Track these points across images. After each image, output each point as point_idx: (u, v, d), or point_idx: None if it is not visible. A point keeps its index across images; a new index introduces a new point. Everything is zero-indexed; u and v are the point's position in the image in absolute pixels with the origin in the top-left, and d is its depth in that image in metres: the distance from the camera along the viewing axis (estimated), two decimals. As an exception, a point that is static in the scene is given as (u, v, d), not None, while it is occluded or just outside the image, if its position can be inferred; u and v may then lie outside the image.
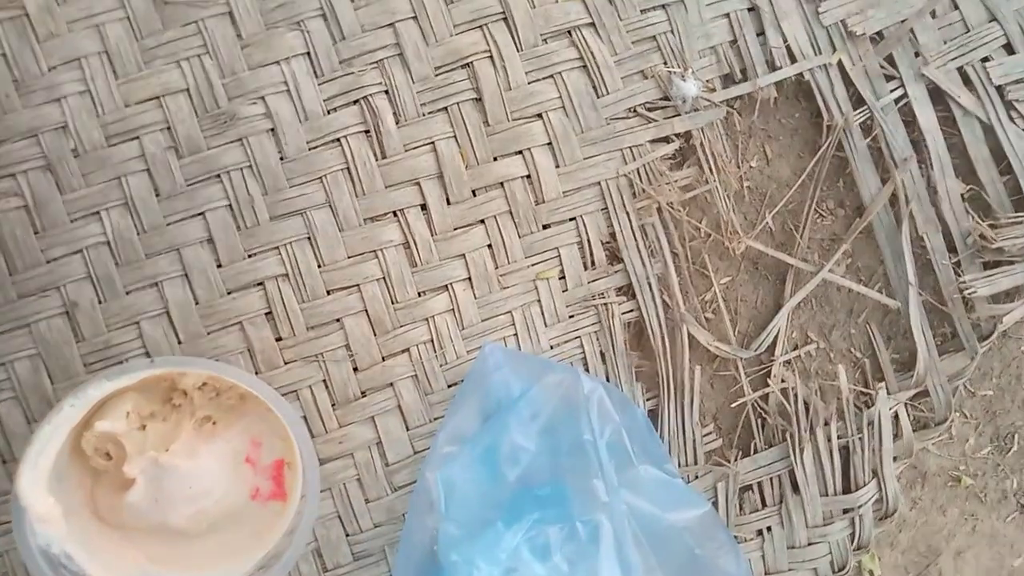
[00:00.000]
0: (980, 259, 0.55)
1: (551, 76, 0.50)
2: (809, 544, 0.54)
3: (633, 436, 0.45)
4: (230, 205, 0.47)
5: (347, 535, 0.48)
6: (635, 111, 0.52)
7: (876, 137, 0.54)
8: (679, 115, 0.51)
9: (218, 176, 0.46)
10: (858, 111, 0.53)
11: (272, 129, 0.47)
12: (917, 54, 0.53)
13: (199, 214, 0.46)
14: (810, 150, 0.55)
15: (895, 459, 0.54)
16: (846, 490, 0.54)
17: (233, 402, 0.43)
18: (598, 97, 0.50)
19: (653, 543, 0.44)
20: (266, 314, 0.47)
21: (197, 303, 0.46)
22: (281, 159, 0.47)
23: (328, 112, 0.48)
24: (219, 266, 0.47)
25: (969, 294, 0.54)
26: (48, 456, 0.39)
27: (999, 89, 0.54)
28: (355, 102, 0.48)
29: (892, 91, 0.54)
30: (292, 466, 0.44)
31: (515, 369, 0.45)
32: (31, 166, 0.45)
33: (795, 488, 0.54)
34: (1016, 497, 0.59)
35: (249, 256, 0.47)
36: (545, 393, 0.43)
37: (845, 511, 0.54)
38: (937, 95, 0.55)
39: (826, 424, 0.53)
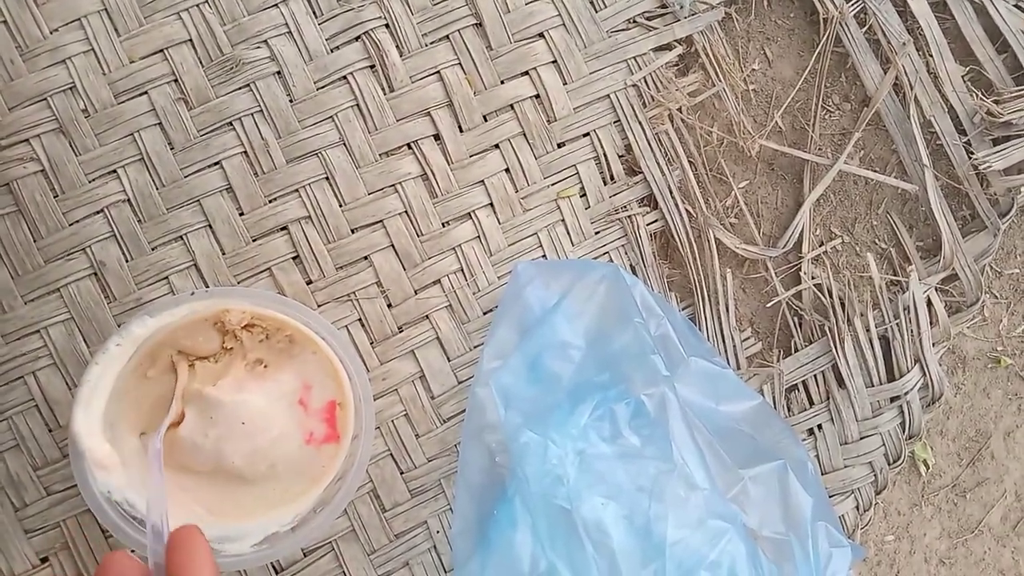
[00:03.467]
0: (989, 136, 0.59)
1: (548, -6, 0.53)
2: (861, 438, 0.57)
3: (679, 330, 0.48)
4: (245, 152, 0.49)
5: (401, 472, 0.51)
6: (634, 21, 0.55)
7: (872, 27, 0.58)
8: (678, 21, 0.55)
9: (230, 123, 0.49)
10: (851, 2, 0.57)
11: (278, 72, 0.50)
12: (902, -63, 0.58)
13: (215, 163, 0.49)
14: (809, 48, 0.59)
15: (934, 345, 0.58)
16: (890, 379, 0.57)
17: (283, 345, 0.45)
18: (596, 11, 0.54)
19: (712, 432, 0.47)
20: (293, 258, 0.50)
21: (224, 253, 0.49)
22: (290, 101, 0.50)
23: (332, 51, 0.51)
24: (241, 214, 0.49)
25: (984, 169, 0.58)
26: (100, 397, 0.42)
27: (986, -33, 0.59)
28: (357, 38, 0.51)
29: (882, -21, 0.58)
30: (344, 405, 0.46)
31: (552, 278, 0.48)
32: (44, 129, 0.47)
33: (840, 383, 0.57)
34: (1057, 371, 0.62)
35: (270, 201, 0.49)
36: (587, 290, 0.46)
37: (893, 400, 0.57)
38: (926, -20, 0.59)
39: (862, 315, 0.57)
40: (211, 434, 0.43)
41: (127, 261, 0.48)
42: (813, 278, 0.58)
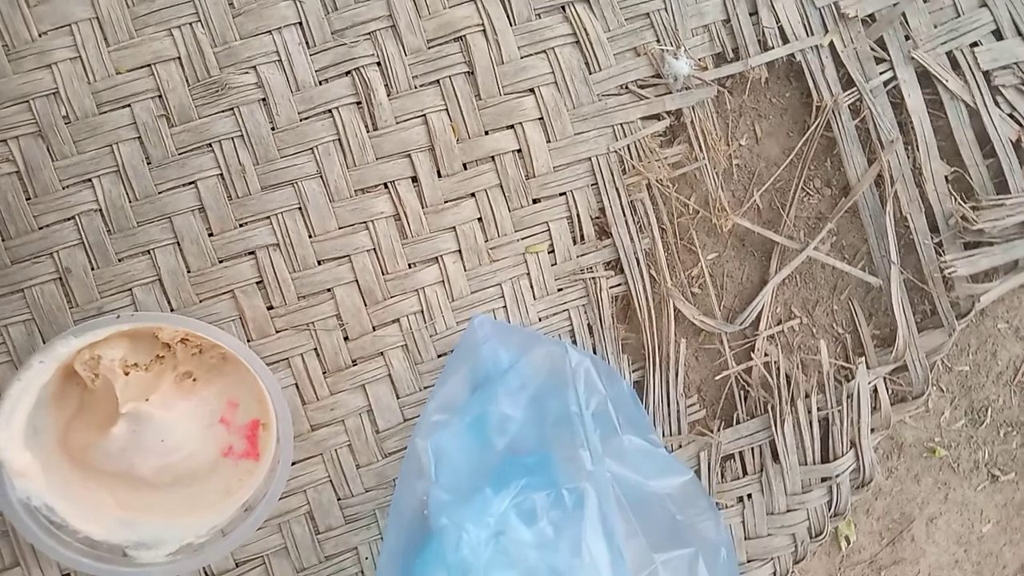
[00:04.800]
0: (961, 239, 0.61)
1: (544, 51, 0.54)
2: (788, 511, 0.60)
3: (619, 407, 0.51)
4: (221, 174, 0.51)
5: (339, 499, 0.54)
6: (627, 88, 0.56)
7: (864, 118, 0.60)
8: (670, 93, 0.56)
9: (209, 145, 0.50)
10: (847, 92, 0.58)
11: (264, 99, 0.51)
12: (907, 37, 0.58)
13: (191, 183, 0.50)
14: (799, 130, 0.60)
15: (873, 431, 0.61)
16: (824, 460, 0.60)
17: (215, 361, 0.48)
18: (590, 73, 0.55)
19: (636, 509, 0.50)
20: (257, 283, 0.52)
21: (189, 271, 0.51)
22: (272, 129, 0.51)
23: (320, 83, 0.52)
24: (211, 235, 0.51)
25: (950, 273, 0.60)
26: (22, 411, 0.45)
27: (986, 74, 0.60)
28: (347, 73, 0.52)
29: (882, 73, 0.60)
30: (267, 427, 0.49)
31: (504, 341, 0.50)
32: (23, 132, 0.49)
33: (775, 457, 0.60)
34: (987, 467, 0.66)
35: (240, 225, 0.51)
36: (533, 365, 0.48)
37: (823, 479, 0.61)
38: (925, 78, 0.60)
39: (807, 397, 0.59)
40: (130, 447, 0.46)
41: (92, 269, 0.50)
42: (765, 355, 0.61)
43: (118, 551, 0.46)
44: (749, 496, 0.61)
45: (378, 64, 0.53)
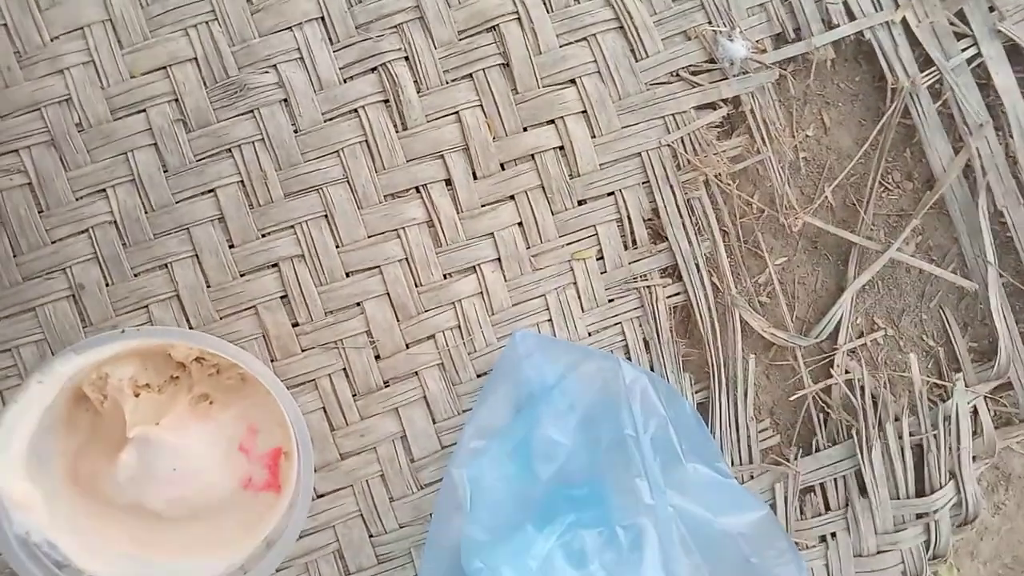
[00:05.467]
0: (1068, 235, 0.56)
1: (584, 38, 0.52)
2: (878, 552, 0.55)
3: (681, 431, 0.47)
4: (242, 181, 0.49)
5: (370, 536, 0.51)
6: (678, 75, 0.54)
7: (946, 102, 0.56)
8: (726, 79, 0.53)
9: (228, 150, 0.49)
10: (926, 73, 0.55)
11: (285, 100, 0.50)
12: (991, 8, 0.55)
13: (209, 191, 0.49)
14: (872, 117, 0.57)
15: (975, 459, 0.56)
16: (920, 493, 0.56)
17: (233, 383, 0.46)
18: (636, 60, 0.53)
19: (703, 550, 0.46)
20: (281, 297, 0.50)
21: (209, 286, 0.49)
22: (295, 131, 0.50)
23: (344, 81, 0.50)
24: (231, 246, 0.50)
25: (1055, 273, 0.55)
26: (21, 437, 0.43)
27: (1086, 45, 0.55)
28: (373, 70, 0.51)
29: (963, 50, 0.56)
30: (289, 456, 0.46)
31: (549, 357, 0.47)
32: (34, 141, 0.48)
33: (862, 490, 0.55)
34: (1112, 502, 0.59)
35: (262, 235, 0.50)
36: (582, 383, 0.45)
37: (919, 516, 0.56)
38: (1015, 54, 0.56)
39: (896, 420, 0.55)
40: (139, 475, 0.44)
41: (107, 285, 0.49)
42: (846, 372, 0.56)
43: None
44: (833, 535, 0.56)
45: (406, 59, 0.51)
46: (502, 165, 0.52)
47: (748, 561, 0.47)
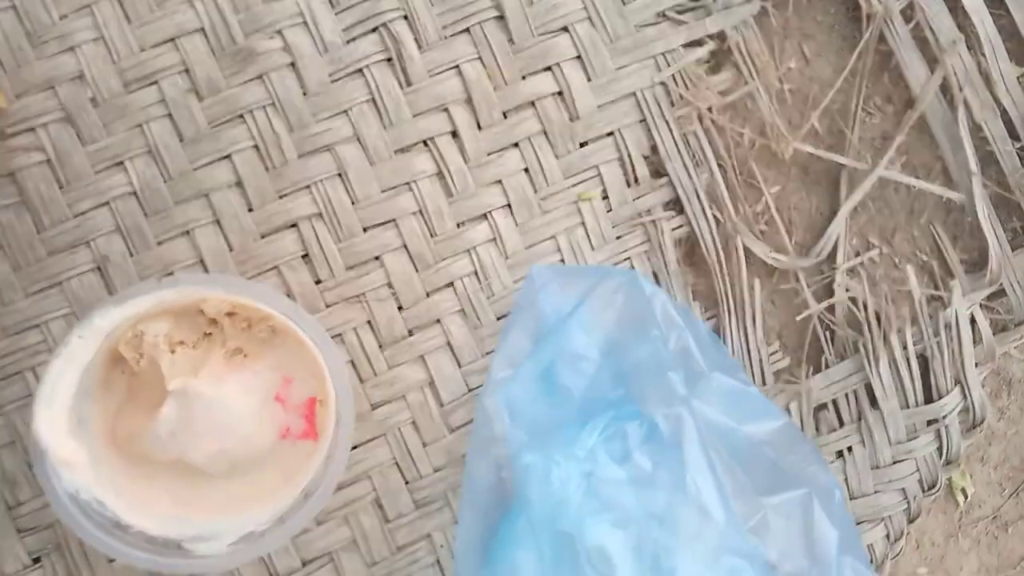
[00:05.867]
0: (1045, 142, 0.60)
1: (573, -14, 0.56)
2: (894, 462, 0.59)
3: (700, 344, 0.50)
4: (256, 145, 0.52)
5: (406, 482, 0.53)
6: (664, 15, 0.57)
7: (919, 25, 0.60)
8: (711, 15, 0.57)
9: (241, 116, 0.52)
10: (896, -2, 0.59)
11: (292, 63, 0.52)
12: (953, -70, 0.59)
13: (225, 156, 0.52)
14: (850, 46, 0.61)
15: (976, 365, 0.59)
16: (928, 401, 0.59)
17: (264, 335, 0.48)
18: (624, 4, 0.56)
19: (731, 454, 0.49)
20: (303, 256, 0.53)
21: (231, 249, 0.52)
22: (304, 94, 0.53)
23: (347, 42, 0.53)
24: (250, 210, 0.52)
25: (1036, 178, 0.59)
26: (63, 393, 0.44)
27: (1045, -39, 0.60)
28: (374, 30, 0.54)
29: (930, -28, 0.60)
30: (324, 403, 0.48)
31: (567, 284, 0.50)
32: (51, 119, 0.51)
33: (873, 403, 0.59)
34: (1110, 398, 0.63)
35: (280, 197, 0.52)
36: (604, 299, 0.48)
37: (929, 423, 0.59)
38: (978, -25, 0.60)
39: (900, 332, 0.58)
40: (180, 429, 0.46)
41: (131, 256, 0.51)
42: (848, 291, 0.60)
43: (174, 545, 0.46)
44: (850, 449, 0.60)
45: (405, 17, 0.54)
46: (504, 114, 0.56)
47: (776, 464, 0.50)
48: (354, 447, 0.53)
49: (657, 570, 0.44)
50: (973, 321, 0.61)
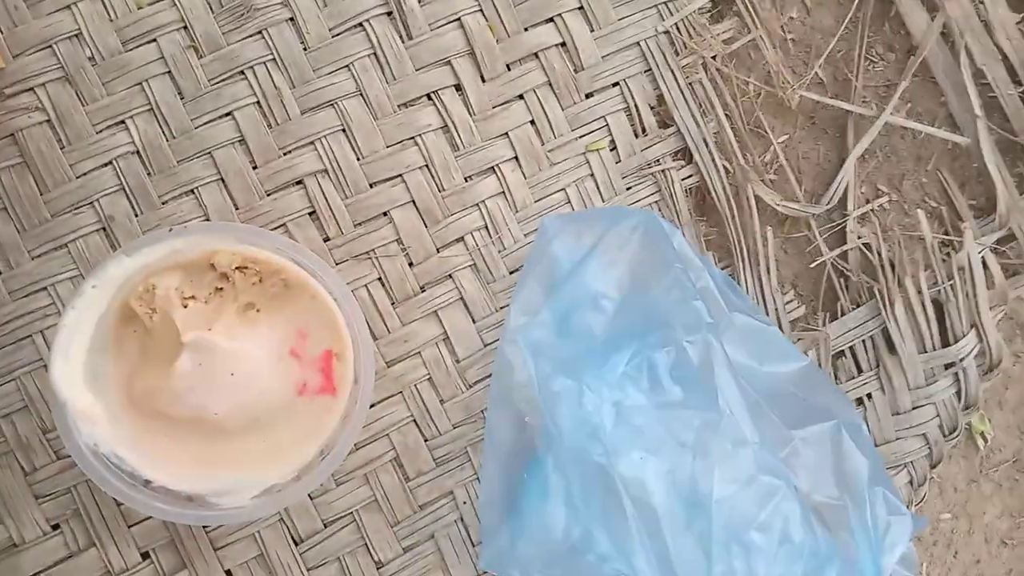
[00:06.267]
0: (1047, 85, 0.62)
1: (574, -63, 0.57)
2: (914, 408, 0.60)
3: (719, 285, 0.51)
4: (258, 102, 0.53)
5: (425, 440, 0.54)
6: (665, -36, 0.58)
7: (916, -29, 0.61)
8: (712, -38, 0.58)
9: (242, 72, 0.53)
10: (894, -56, 0.61)
11: (291, 18, 0.53)
12: None
13: (227, 114, 0.52)
14: (850, -6, 0.62)
15: (990, 309, 0.60)
16: (944, 344, 0.60)
17: (277, 289, 0.48)
18: (625, -46, 0.57)
19: (758, 392, 0.50)
20: (310, 213, 0.53)
21: (237, 207, 0.52)
22: (304, 49, 0.53)
23: (347, -4, 0.54)
24: (254, 167, 0.53)
25: (1041, 119, 0.61)
26: (80, 344, 0.44)
27: (1036, -94, 0.62)
28: (373, -18, 0.54)
29: (924, -78, 0.62)
30: (341, 356, 0.48)
31: (581, 230, 0.50)
32: (49, 78, 0.51)
33: (891, 348, 0.60)
34: (1123, 338, 0.65)
35: (284, 154, 0.53)
36: (621, 238, 0.49)
37: (947, 367, 0.60)
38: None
39: (913, 277, 0.59)
40: (197, 383, 0.46)
41: (136, 215, 0.52)
42: (860, 237, 0.61)
43: (197, 499, 0.46)
44: (869, 396, 0.61)
45: (404, -30, 0.55)
46: (508, 66, 0.57)
47: (802, 400, 0.51)
48: (371, 406, 0.53)
49: (692, 494, 0.44)
50: (985, 265, 0.62)
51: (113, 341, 0.47)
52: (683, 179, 0.58)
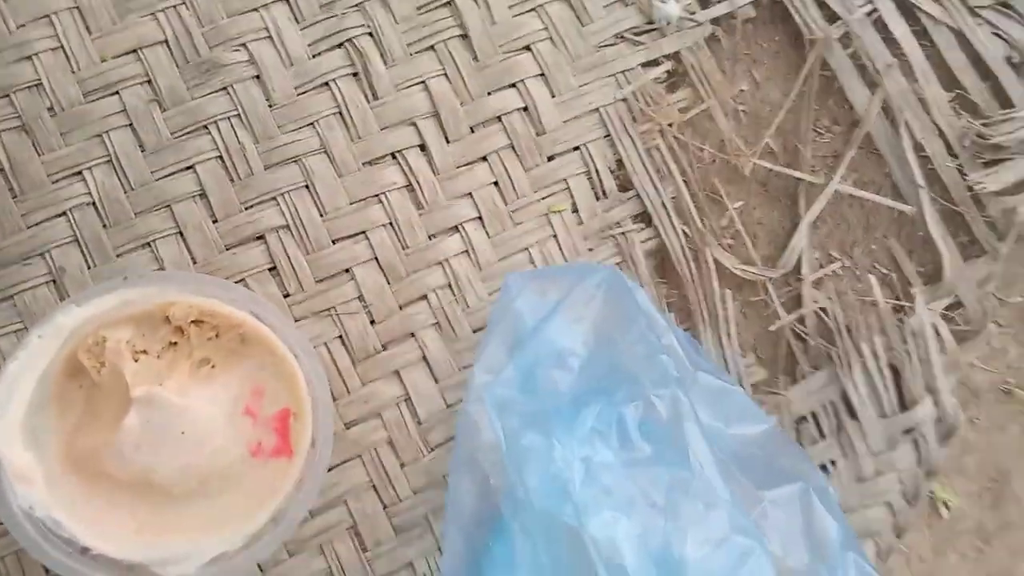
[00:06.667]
0: (980, 159, 0.67)
1: (533, 8, 0.61)
2: (877, 474, 0.61)
3: (682, 344, 0.52)
4: (220, 156, 0.54)
5: (384, 507, 0.53)
6: (622, 36, 0.63)
7: (856, 52, 0.67)
8: (665, 36, 0.63)
9: (205, 127, 0.54)
10: (834, 25, 0.66)
11: (257, 76, 0.55)
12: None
13: (189, 167, 0.53)
14: (795, 71, 0.68)
15: (945, 374, 0.63)
16: (903, 409, 0.62)
17: (234, 345, 0.48)
18: (583, 25, 0.61)
19: (724, 453, 0.50)
20: (270, 269, 0.54)
21: (195, 261, 0.52)
22: (270, 106, 0.55)
23: (313, 56, 0.56)
24: (215, 221, 0.53)
25: (979, 190, 0.66)
26: (20, 399, 0.43)
27: (961, -2, 0.69)
28: (340, 45, 0.57)
29: (860, 6, 0.68)
30: (299, 416, 0.48)
31: (544, 286, 0.51)
32: (5, 126, 0.51)
33: (851, 413, 0.62)
34: (1071, 403, 0.68)
35: (246, 208, 0.54)
36: (586, 294, 0.50)
37: (906, 432, 0.62)
38: (905, 9, 0.68)
39: (869, 341, 0.62)
40: (145, 441, 0.45)
41: (89, 268, 0.51)
42: (815, 302, 0.64)
43: (141, 569, 0.44)
44: (833, 463, 0.62)
45: (370, 34, 0.58)
46: (471, 128, 0.59)
47: (768, 463, 0.51)
48: (328, 469, 0.52)
49: (667, 557, 0.44)
50: (938, 332, 0.65)
51: (56, 396, 0.45)
52: (643, 241, 0.60)
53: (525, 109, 0.59)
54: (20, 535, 0.42)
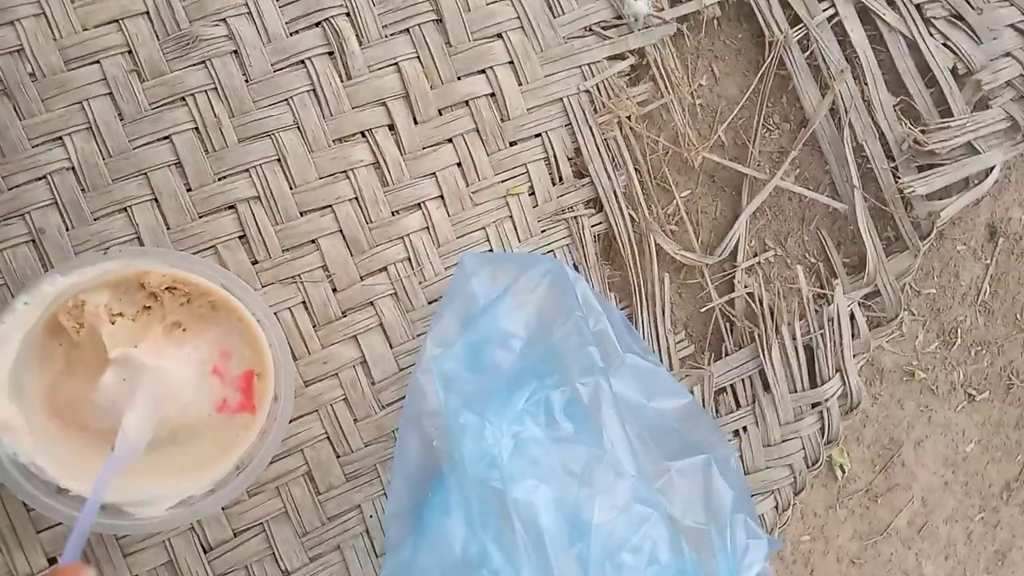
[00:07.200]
0: (915, 163, 0.62)
1: (508, -3, 0.54)
2: (783, 441, 0.59)
3: (616, 329, 0.49)
4: (197, 128, 0.48)
5: (337, 456, 0.50)
6: (590, 29, 0.56)
7: (813, 54, 0.60)
8: (632, 32, 0.56)
9: (183, 99, 0.48)
10: (795, 29, 0.59)
11: (235, 51, 0.49)
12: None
13: (165, 137, 0.48)
14: (754, 69, 0.61)
15: (855, 356, 0.60)
16: (813, 386, 0.59)
17: (204, 311, 0.45)
18: (554, 16, 0.55)
19: (642, 426, 0.48)
20: (240, 237, 0.49)
21: (168, 227, 0.48)
22: (246, 81, 0.49)
23: (291, 34, 0.50)
24: (189, 190, 0.49)
25: (908, 193, 0.61)
26: (6, 358, 0.41)
27: (918, 7, 0.61)
28: (317, 24, 0.51)
29: (824, 10, 0.61)
30: (262, 376, 0.45)
31: (496, 270, 0.48)
32: (-13, 91, 0.46)
33: (766, 387, 0.59)
34: (963, 388, 0.65)
35: (219, 179, 0.49)
36: (531, 283, 0.47)
37: (814, 405, 0.59)
38: (865, 14, 0.61)
39: (789, 324, 0.59)
40: (119, 397, 0.42)
41: (68, 230, 0.47)
42: (746, 287, 0.60)
43: (114, 509, 0.42)
44: (745, 429, 0.60)
45: (347, 15, 0.52)
46: (440, 111, 0.53)
47: (680, 435, 0.50)
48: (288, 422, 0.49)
49: (576, 518, 0.43)
50: (852, 317, 0.61)
51: (38, 353, 0.43)
52: (593, 226, 0.56)
53: (492, 95, 0.54)
54: (6, 479, 0.41)
